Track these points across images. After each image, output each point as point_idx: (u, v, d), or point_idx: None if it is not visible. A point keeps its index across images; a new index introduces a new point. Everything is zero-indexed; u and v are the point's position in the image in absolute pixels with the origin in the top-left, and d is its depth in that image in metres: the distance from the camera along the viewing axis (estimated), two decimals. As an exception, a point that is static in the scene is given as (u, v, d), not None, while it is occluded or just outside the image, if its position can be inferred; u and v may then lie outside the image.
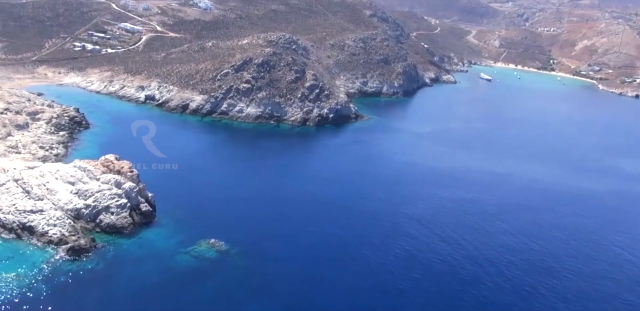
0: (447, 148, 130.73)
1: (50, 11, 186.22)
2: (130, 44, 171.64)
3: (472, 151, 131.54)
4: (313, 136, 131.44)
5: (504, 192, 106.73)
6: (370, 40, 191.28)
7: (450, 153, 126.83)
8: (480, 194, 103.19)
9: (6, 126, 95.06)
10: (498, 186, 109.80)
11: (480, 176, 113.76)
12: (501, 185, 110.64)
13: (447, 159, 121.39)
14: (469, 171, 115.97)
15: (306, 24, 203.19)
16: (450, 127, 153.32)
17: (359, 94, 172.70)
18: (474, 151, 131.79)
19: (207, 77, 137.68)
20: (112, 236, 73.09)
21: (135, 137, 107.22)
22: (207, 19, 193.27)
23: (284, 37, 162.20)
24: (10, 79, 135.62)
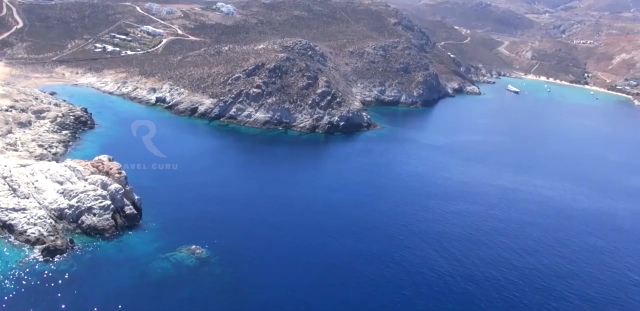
0: (459, 161, 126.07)
1: (77, 13, 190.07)
2: (150, 47, 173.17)
3: (486, 165, 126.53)
4: (320, 143, 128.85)
5: (512, 208, 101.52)
6: (391, 49, 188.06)
7: (461, 166, 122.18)
8: (485, 209, 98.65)
9: (8, 123, 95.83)
10: (507, 202, 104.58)
11: (490, 192, 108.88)
12: (510, 201, 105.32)
13: (456, 173, 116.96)
14: (478, 186, 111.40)
15: (328, 31, 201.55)
16: (466, 140, 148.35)
17: (375, 102, 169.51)
18: (487, 165, 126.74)
19: (218, 81, 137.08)
20: (92, 238, 71.94)
21: (136, 138, 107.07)
22: (228, 23, 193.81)
23: (300, 43, 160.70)
24: (27, 77, 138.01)
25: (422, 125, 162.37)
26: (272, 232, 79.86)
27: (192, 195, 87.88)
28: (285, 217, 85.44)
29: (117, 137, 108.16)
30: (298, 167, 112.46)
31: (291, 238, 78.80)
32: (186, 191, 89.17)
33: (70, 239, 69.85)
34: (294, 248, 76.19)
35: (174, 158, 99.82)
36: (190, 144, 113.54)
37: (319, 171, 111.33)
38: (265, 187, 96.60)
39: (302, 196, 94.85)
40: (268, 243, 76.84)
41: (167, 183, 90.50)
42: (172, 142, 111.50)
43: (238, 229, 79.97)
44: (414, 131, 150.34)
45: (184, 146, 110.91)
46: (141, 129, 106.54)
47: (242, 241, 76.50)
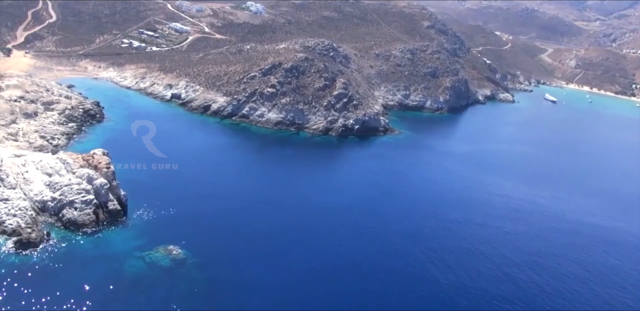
0: (475, 170, 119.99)
1: (109, 9, 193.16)
2: (175, 44, 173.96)
3: (504, 176, 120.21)
4: (331, 146, 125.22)
5: (523, 222, 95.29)
6: (419, 52, 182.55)
7: (475, 175, 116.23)
8: (494, 221, 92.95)
9: (14, 113, 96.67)
10: (518, 215, 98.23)
11: (503, 204, 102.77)
12: (523, 215, 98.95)
13: (469, 181, 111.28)
14: (492, 196, 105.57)
15: (356, 32, 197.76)
16: (488, 149, 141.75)
17: (398, 106, 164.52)
18: (505, 176, 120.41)
19: (234, 80, 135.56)
20: (71, 232, 70.77)
21: (140, 136, 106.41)
22: (255, 22, 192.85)
23: (322, 43, 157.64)
24: (50, 70, 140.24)
25: (444, 132, 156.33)
26: (263, 237, 76.83)
27: (186, 194, 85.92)
28: (280, 220, 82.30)
29: (123, 132, 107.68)
30: (303, 169, 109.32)
31: (282, 245, 75.45)
32: (181, 189, 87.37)
33: (47, 233, 68.94)
34: (284, 256, 72.54)
35: (175, 155, 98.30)
36: (197, 142, 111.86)
37: (324, 174, 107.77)
38: (265, 189, 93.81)
39: (302, 199, 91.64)
40: (256, 248, 73.78)
41: (163, 181, 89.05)
42: (178, 139, 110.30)
43: (227, 232, 77.44)
44: (434, 138, 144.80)
45: (189, 143, 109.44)
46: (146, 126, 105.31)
47: (227, 245, 73.84)
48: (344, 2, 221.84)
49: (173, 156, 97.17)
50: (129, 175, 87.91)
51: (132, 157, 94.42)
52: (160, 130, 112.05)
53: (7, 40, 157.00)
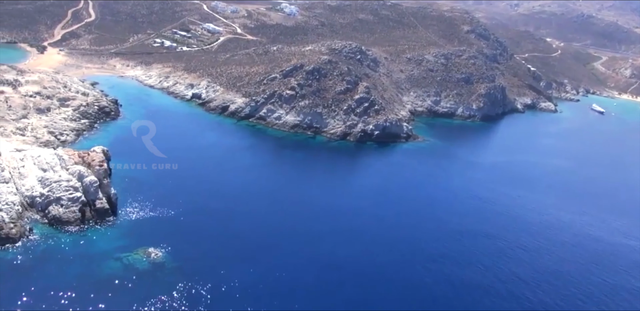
0: (499, 182, 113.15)
1: (146, 9, 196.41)
2: (206, 44, 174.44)
3: (531, 190, 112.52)
4: (347, 152, 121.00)
5: (542, 242, 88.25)
6: (454, 57, 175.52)
7: (497, 188, 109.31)
8: (507, 235, 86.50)
9: (26, 108, 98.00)
10: (537, 235, 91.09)
11: (524, 220, 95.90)
12: (544, 235, 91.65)
13: (492, 195, 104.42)
14: (511, 209, 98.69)
15: (390, 36, 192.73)
16: (519, 160, 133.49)
17: (427, 113, 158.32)
18: (532, 190, 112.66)
19: (254, 81, 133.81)
20: (55, 229, 70.22)
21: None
22: (288, 24, 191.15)
23: (350, 46, 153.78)
24: (79, 67, 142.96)
25: (473, 141, 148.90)
26: (256, 244, 73.91)
27: (183, 196, 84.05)
28: (277, 226, 79.52)
29: (133, 134, 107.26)
30: (314, 174, 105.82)
31: (275, 254, 72.04)
32: (179, 190, 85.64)
33: (30, 229, 68.55)
34: (271, 266, 69.12)
35: (178, 155, 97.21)
36: (206, 142, 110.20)
37: (334, 180, 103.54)
38: (269, 193, 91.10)
39: (307, 205, 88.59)
40: (245, 256, 70.88)
41: (161, 180, 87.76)
42: (187, 139, 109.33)
43: (217, 237, 75.03)
44: (461, 147, 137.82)
45: (197, 144, 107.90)
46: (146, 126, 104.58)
47: (214, 251, 71.37)
48: (381, 5, 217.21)
49: (176, 156, 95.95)
50: (128, 173, 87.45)
51: (135, 155, 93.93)
52: (171, 130, 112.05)
53: (44, 38, 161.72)
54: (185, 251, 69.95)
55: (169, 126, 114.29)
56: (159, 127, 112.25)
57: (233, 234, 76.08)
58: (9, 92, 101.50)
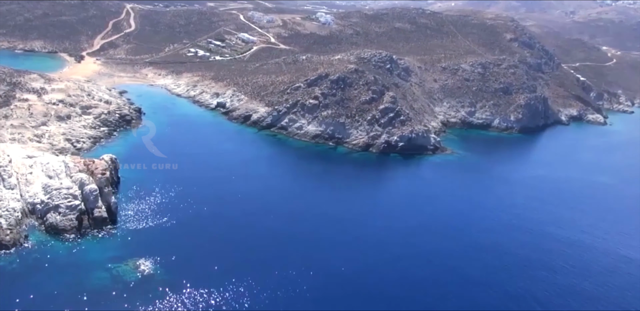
0: (531, 201, 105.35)
1: (184, 19, 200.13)
2: (239, 53, 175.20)
3: (568, 209, 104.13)
4: (368, 163, 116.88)
5: (574, 267, 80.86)
6: (492, 66, 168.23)
7: (535, 208, 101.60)
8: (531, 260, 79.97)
9: (47, 115, 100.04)
10: (569, 258, 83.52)
11: (558, 243, 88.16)
12: (577, 258, 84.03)
13: (524, 215, 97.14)
14: (546, 235, 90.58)
15: (427, 45, 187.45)
16: (557, 176, 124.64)
17: (461, 124, 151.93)
18: (569, 209, 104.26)
19: (278, 90, 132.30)
20: (51, 237, 70.05)
21: (169, 143, 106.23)
22: (322, 33, 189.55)
23: (380, 55, 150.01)
24: (111, 76, 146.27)
25: (508, 154, 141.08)
26: (256, 258, 70.89)
27: (188, 206, 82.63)
28: (282, 242, 76.03)
29: (150, 142, 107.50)
30: (329, 186, 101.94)
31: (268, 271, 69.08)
32: (185, 201, 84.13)
33: (26, 236, 68.64)
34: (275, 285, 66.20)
35: (192, 165, 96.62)
36: (222, 151, 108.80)
37: (349, 194, 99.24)
38: (280, 205, 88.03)
39: (319, 218, 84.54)
40: (243, 271, 67.90)
41: (168, 189, 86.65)
42: (202, 148, 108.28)
43: (216, 249, 72.57)
44: (492, 161, 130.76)
45: (212, 153, 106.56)
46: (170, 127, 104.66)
47: (209, 265, 68.78)
48: (420, 14, 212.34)
49: (188, 166, 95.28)
50: (137, 181, 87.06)
51: (146, 164, 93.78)
52: (188, 139, 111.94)
53: (84, 48, 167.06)
54: (179, 264, 68.06)
55: (188, 135, 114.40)
56: (177, 135, 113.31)
57: (236, 248, 73.49)
58: (33, 100, 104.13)
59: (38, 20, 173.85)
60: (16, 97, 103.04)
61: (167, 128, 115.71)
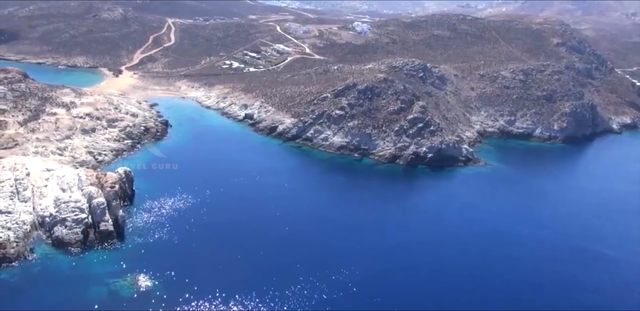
0: (573, 218, 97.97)
1: (222, 32, 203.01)
2: (273, 64, 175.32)
3: (615, 226, 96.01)
4: (393, 176, 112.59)
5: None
6: (535, 73, 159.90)
7: (573, 224, 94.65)
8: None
9: (72, 129, 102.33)
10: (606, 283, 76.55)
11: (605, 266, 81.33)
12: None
13: (560, 233, 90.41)
14: (588, 257, 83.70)
15: (466, 52, 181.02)
16: (604, 189, 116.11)
17: (498, 134, 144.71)
18: (617, 226, 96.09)
19: (305, 101, 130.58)
20: (56, 250, 70.42)
21: (190, 155, 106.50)
22: (357, 42, 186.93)
23: (412, 63, 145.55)
24: (145, 89, 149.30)
25: (549, 166, 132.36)
26: (263, 277, 68.55)
27: (202, 221, 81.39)
28: (294, 258, 73.51)
29: (172, 151, 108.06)
30: (350, 200, 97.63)
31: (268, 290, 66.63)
32: (200, 215, 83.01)
33: (31, 249, 69.26)
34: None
35: (210, 178, 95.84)
36: (245, 163, 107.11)
37: (366, 206, 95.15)
38: (296, 221, 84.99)
39: (336, 236, 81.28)
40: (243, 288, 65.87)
41: (184, 203, 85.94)
42: (225, 160, 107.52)
43: (222, 266, 70.64)
44: (530, 173, 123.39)
45: (234, 165, 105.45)
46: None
47: (212, 282, 66.97)
48: (461, 20, 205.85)
49: (205, 179, 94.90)
50: (151, 194, 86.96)
51: (164, 177, 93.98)
52: (210, 151, 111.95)
53: (123, 62, 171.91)
54: (179, 281, 66.67)
55: (210, 147, 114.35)
56: (199, 148, 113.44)
57: (242, 264, 71.37)
58: (61, 114, 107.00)
59: (82, 36, 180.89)
60: (45, 111, 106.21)
61: (191, 140, 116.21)
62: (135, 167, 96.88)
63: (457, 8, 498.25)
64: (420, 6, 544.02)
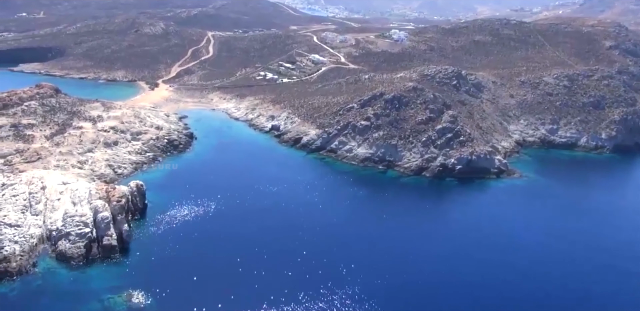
0: (617, 240, 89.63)
1: (260, 43, 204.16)
2: (307, 75, 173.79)
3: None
4: (417, 189, 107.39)
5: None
6: (581, 78, 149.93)
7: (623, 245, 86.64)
8: None
9: (95, 142, 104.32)
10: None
11: None
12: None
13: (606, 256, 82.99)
14: None
15: (509, 57, 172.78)
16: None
17: (539, 143, 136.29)
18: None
19: (331, 111, 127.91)
20: (59, 264, 70.89)
21: (210, 167, 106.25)
22: (393, 51, 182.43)
23: (445, 71, 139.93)
24: (177, 101, 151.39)
25: (594, 178, 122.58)
26: (261, 297, 66.50)
27: (213, 236, 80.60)
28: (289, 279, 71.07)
29: (193, 165, 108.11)
30: (367, 216, 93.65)
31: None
32: (211, 229, 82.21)
33: (34, 263, 69.96)
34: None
35: (227, 192, 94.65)
36: (262, 176, 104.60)
37: (390, 224, 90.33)
38: (304, 235, 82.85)
39: (346, 256, 77.63)
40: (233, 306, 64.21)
41: (195, 217, 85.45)
42: (244, 174, 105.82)
43: (220, 282, 69.17)
44: (572, 185, 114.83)
45: (253, 179, 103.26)
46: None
47: (208, 300, 65.41)
48: (504, 24, 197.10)
49: (221, 192, 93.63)
50: (163, 208, 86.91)
51: (178, 188, 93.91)
52: (231, 163, 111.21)
53: (161, 75, 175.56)
54: (175, 299, 65.41)
55: (232, 159, 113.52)
56: (221, 160, 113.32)
57: (247, 284, 69.28)
58: (87, 127, 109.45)
59: (123, 51, 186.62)
60: (72, 125, 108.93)
61: (213, 153, 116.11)
62: (152, 180, 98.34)
63: (511, 12, 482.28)
64: (473, 11, 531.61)
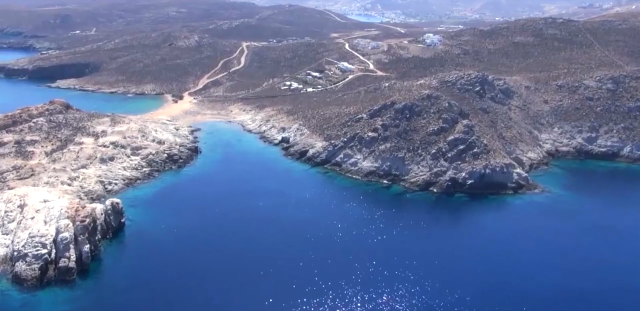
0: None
1: (291, 53, 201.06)
2: (333, 83, 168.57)
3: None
4: (420, 206, 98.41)
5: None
6: (629, 80, 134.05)
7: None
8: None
9: (91, 158, 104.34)
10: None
11: None
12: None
13: None
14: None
15: (550, 59, 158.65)
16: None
17: (574, 153, 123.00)
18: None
19: (340, 122, 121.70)
20: (12, 286, 69.54)
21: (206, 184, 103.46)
22: (425, 56, 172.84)
23: (468, 76, 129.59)
24: (195, 114, 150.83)
25: (633, 193, 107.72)
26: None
27: (184, 259, 76.44)
28: None
29: (189, 181, 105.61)
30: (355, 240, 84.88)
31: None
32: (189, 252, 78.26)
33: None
34: None
35: (210, 211, 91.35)
36: (257, 192, 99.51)
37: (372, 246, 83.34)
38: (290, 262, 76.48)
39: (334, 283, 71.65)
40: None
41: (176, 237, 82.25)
42: (237, 191, 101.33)
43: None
44: (604, 202, 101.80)
45: (245, 195, 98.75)
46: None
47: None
48: (549, 24, 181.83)
49: (211, 209, 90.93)
50: (143, 228, 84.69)
51: (165, 206, 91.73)
52: (229, 179, 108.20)
53: (188, 88, 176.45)
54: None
55: (232, 175, 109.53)
56: (220, 176, 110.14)
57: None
58: (88, 143, 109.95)
59: (155, 65, 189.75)
60: (74, 141, 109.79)
61: (214, 168, 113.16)
62: (141, 196, 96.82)
63: (579, 9, 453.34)
64: (539, 10, 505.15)
